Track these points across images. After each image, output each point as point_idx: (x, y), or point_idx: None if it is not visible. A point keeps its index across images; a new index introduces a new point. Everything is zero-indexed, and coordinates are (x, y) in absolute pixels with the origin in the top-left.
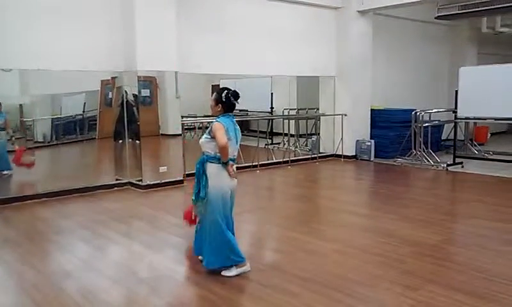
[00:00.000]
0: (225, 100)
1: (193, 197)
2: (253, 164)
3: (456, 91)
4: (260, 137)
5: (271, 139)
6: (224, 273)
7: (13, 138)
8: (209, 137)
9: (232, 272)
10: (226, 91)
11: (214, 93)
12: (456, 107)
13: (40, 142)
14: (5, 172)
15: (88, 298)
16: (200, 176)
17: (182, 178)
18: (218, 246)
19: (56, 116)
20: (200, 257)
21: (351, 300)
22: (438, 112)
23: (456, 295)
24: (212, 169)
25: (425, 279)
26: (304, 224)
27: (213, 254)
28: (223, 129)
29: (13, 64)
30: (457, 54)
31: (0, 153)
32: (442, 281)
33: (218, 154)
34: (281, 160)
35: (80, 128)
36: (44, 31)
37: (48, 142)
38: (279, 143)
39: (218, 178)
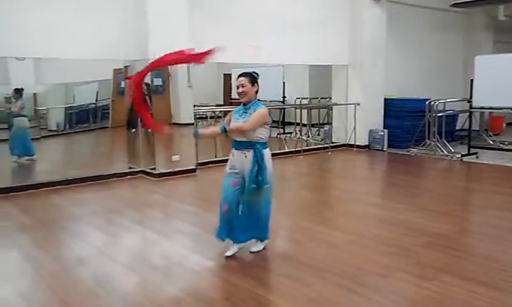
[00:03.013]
0: (257, 80)
1: (254, 186)
2: None
3: (471, 80)
4: (272, 126)
5: (283, 128)
6: (253, 249)
7: None
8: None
9: (259, 246)
10: (253, 71)
11: (243, 77)
12: (470, 97)
13: (53, 130)
14: (26, 157)
15: (102, 284)
16: (260, 164)
17: (194, 167)
18: (267, 221)
19: (69, 105)
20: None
21: (363, 290)
22: (452, 101)
23: (470, 286)
24: (267, 153)
25: (439, 269)
26: (317, 214)
27: (265, 227)
28: (267, 119)
29: (26, 53)
30: (473, 42)
31: (21, 139)
32: (456, 271)
33: (266, 139)
34: (293, 149)
35: (93, 117)
36: (57, 19)
37: (62, 130)
38: (291, 133)
39: (270, 162)
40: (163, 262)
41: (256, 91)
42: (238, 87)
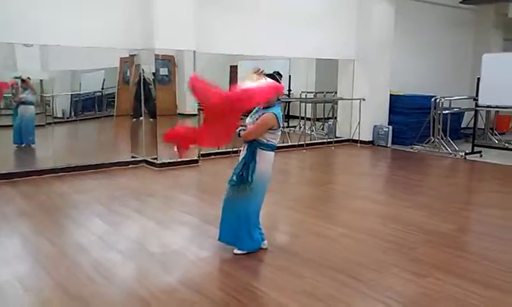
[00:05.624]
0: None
1: (234, 179)
2: None
3: (478, 78)
4: None
5: (287, 122)
6: (237, 251)
7: None
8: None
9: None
10: (277, 75)
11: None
12: (477, 95)
13: (58, 118)
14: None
15: (100, 271)
16: (248, 161)
17: (196, 158)
18: (254, 229)
19: (75, 93)
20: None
21: (358, 284)
22: (458, 99)
23: (466, 284)
24: (266, 156)
25: (436, 266)
26: (316, 208)
27: (251, 238)
28: (272, 123)
29: (33, 40)
30: (482, 40)
31: (25, 127)
32: (453, 269)
33: (271, 142)
34: (296, 143)
35: (99, 105)
36: (64, 7)
37: (67, 118)
38: (295, 126)
39: (269, 165)
40: (160, 251)
41: (278, 99)
42: None
